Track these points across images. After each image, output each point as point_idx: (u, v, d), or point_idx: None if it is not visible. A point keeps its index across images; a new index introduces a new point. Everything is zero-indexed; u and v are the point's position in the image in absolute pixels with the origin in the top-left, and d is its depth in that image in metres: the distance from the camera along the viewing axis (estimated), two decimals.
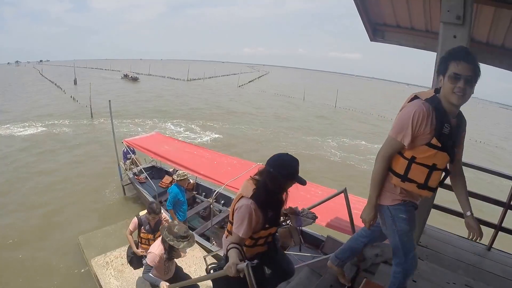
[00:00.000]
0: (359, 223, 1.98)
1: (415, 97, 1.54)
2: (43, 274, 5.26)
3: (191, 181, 7.59)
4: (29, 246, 6.02)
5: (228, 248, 1.70)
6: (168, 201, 5.26)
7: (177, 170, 7.74)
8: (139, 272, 4.44)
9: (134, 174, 7.96)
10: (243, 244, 1.80)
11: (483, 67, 1.41)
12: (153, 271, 3.09)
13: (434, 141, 1.45)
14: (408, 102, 1.55)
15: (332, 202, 2.89)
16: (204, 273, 3.26)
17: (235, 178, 5.50)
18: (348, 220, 2.77)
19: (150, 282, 3.04)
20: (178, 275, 3.47)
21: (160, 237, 3.13)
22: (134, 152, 8.13)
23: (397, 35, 3.23)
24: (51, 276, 5.21)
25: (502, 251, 2.92)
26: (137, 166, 8.17)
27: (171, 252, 3.05)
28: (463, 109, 1.59)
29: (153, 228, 3.88)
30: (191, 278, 3.60)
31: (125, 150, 8.31)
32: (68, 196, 8.26)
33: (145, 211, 3.95)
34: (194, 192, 7.63)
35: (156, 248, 3.04)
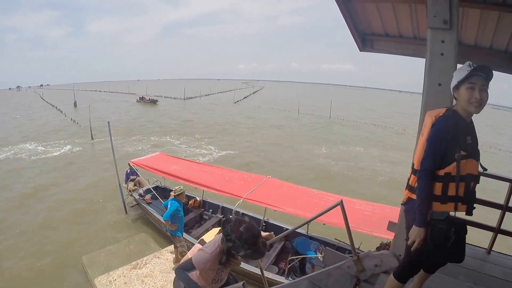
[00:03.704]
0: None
1: None
2: None
3: (198, 198, 7.64)
4: (32, 266, 5.98)
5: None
6: (167, 212, 5.18)
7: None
8: None
9: (140, 195, 7.91)
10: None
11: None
12: (194, 275, 2.24)
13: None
14: None
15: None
16: None
17: (251, 190, 5.56)
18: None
19: (183, 281, 2.16)
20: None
21: (220, 235, 2.27)
22: (137, 174, 8.14)
23: (386, 44, 3.28)
24: None
25: (502, 254, 2.89)
26: (140, 187, 8.17)
27: (229, 256, 2.12)
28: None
29: None
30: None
31: (128, 171, 8.32)
32: (69, 216, 8.19)
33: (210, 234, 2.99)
34: (202, 209, 7.60)
35: (212, 247, 2.15)
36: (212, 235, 2.74)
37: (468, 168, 1.53)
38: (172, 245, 5.57)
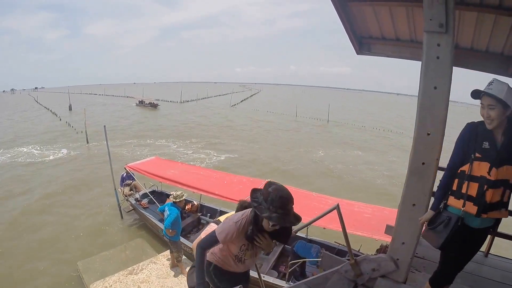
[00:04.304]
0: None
1: None
2: None
3: (195, 202, 7.57)
4: (28, 272, 5.90)
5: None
6: (168, 220, 5.05)
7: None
8: None
9: (136, 200, 7.82)
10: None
11: (467, 72, 1.42)
12: (217, 252, 2.03)
13: None
14: None
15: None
16: None
17: None
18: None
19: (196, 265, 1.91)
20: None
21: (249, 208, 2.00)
22: (133, 178, 8.06)
23: (383, 47, 3.27)
24: None
25: (500, 256, 2.87)
26: (137, 191, 8.10)
27: (255, 228, 1.84)
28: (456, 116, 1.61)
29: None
30: None
31: (124, 175, 8.23)
32: (65, 221, 8.07)
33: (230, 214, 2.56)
34: (199, 214, 7.52)
35: (239, 217, 1.91)
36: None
37: (481, 171, 1.68)
38: (168, 250, 5.51)
